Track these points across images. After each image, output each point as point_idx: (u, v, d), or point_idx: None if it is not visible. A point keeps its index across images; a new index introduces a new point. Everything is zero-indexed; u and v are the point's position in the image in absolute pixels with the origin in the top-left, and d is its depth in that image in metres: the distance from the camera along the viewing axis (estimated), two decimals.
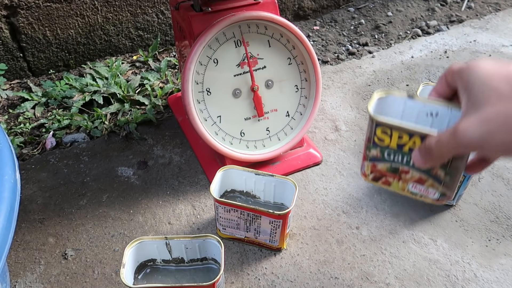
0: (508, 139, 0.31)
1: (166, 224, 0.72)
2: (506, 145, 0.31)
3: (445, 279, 0.63)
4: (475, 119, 0.32)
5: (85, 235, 0.70)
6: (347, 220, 0.72)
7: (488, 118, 0.32)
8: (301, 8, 1.31)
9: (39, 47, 1.04)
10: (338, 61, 1.14)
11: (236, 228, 0.65)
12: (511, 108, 0.31)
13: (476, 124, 0.32)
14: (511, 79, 0.32)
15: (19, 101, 0.99)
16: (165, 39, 1.18)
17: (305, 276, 0.64)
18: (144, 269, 0.62)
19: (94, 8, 1.04)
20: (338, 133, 0.90)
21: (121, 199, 0.76)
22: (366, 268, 0.65)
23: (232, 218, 0.64)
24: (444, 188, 0.50)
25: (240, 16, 0.66)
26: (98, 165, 0.82)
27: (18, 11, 0.97)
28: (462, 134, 0.33)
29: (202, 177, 0.79)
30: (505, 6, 1.38)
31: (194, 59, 0.66)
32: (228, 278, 0.63)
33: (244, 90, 0.72)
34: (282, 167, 0.78)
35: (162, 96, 0.98)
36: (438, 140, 0.35)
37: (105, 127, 0.90)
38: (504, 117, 0.31)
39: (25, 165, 0.83)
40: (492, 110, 0.32)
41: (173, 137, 0.88)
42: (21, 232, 0.70)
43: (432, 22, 1.28)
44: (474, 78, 0.34)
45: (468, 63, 0.36)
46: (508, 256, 0.67)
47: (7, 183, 0.46)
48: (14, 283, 0.63)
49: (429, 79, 1.06)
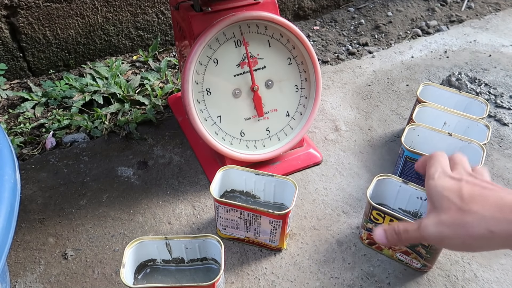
0: (458, 242, 0.38)
1: (166, 224, 0.72)
2: (457, 246, 0.38)
3: (445, 279, 0.63)
4: (433, 219, 0.40)
5: (85, 235, 0.70)
6: (347, 220, 0.72)
7: (442, 222, 0.39)
8: (301, 8, 1.31)
9: (39, 47, 1.04)
10: (338, 61, 1.14)
11: (236, 228, 0.65)
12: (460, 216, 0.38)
13: (434, 225, 0.39)
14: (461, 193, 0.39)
15: (19, 101, 0.99)
16: (165, 39, 1.18)
17: (305, 276, 0.64)
18: (144, 269, 0.62)
19: (94, 8, 1.04)
20: (338, 133, 0.90)
21: (121, 199, 0.76)
22: (367, 268, 0.65)
23: (232, 218, 0.64)
24: (425, 262, 0.62)
25: (240, 16, 0.66)
26: (98, 165, 0.82)
27: (18, 11, 0.97)
28: (423, 230, 0.40)
29: (202, 177, 0.79)
30: (505, 6, 1.38)
31: (194, 59, 0.66)
32: (228, 278, 0.63)
33: (244, 90, 0.72)
34: (282, 167, 0.78)
35: (162, 96, 0.98)
36: (405, 229, 0.41)
37: (105, 127, 0.90)
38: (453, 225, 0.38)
39: (25, 165, 0.83)
40: (445, 216, 0.39)
41: (173, 137, 0.88)
42: (21, 232, 0.70)
43: (432, 22, 1.28)
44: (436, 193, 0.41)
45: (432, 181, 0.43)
46: (508, 256, 0.66)
47: (7, 183, 0.46)
48: (14, 283, 0.63)
49: (429, 79, 1.06)
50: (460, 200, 0.38)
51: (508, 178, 0.79)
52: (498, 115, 0.94)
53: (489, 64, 1.10)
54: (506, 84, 1.03)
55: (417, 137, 0.75)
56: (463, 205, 0.38)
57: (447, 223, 0.38)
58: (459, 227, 0.37)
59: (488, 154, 0.84)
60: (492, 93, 1.00)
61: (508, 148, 0.86)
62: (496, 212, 0.36)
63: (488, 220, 0.36)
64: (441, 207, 0.39)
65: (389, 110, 0.96)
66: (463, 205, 0.38)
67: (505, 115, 0.94)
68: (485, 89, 1.01)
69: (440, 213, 0.39)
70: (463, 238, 0.37)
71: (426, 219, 0.40)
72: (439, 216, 0.39)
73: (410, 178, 0.73)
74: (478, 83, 1.02)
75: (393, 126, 0.92)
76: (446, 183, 0.41)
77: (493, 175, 0.80)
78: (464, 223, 0.37)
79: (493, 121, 0.93)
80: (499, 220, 0.36)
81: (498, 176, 0.80)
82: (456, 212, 0.38)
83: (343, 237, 0.69)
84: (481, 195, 0.38)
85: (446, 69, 1.09)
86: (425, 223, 0.40)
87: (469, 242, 0.37)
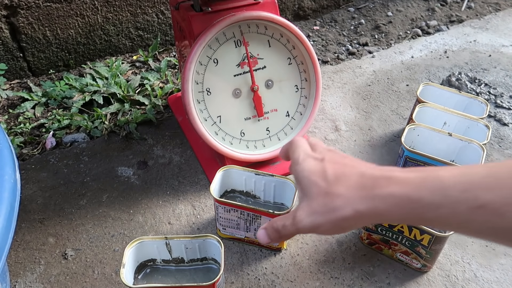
0: (329, 227, 0.37)
1: (166, 224, 0.72)
2: (329, 230, 0.38)
3: (445, 279, 0.63)
4: (305, 209, 0.39)
5: (85, 235, 0.70)
6: None
7: (314, 211, 0.38)
8: (301, 8, 1.31)
9: (39, 47, 1.04)
10: (338, 61, 1.14)
11: (236, 228, 0.65)
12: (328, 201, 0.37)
13: (306, 215, 0.38)
14: (325, 174, 0.38)
15: (19, 101, 0.99)
16: (165, 39, 1.18)
17: (305, 276, 0.64)
18: (144, 269, 0.62)
19: (94, 8, 1.04)
20: (338, 133, 0.90)
21: (121, 199, 0.76)
22: (367, 268, 0.65)
23: (232, 218, 0.64)
24: (425, 262, 0.62)
25: (240, 16, 0.66)
26: (98, 165, 0.82)
27: (18, 11, 0.97)
28: (297, 222, 0.39)
29: (202, 177, 0.79)
30: (505, 6, 1.38)
31: (194, 59, 0.66)
32: (228, 278, 0.63)
33: (244, 90, 0.72)
34: (282, 167, 0.78)
35: (162, 96, 0.98)
36: (283, 225, 0.40)
37: (105, 127, 0.90)
38: (324, 212, 0.37)
39: (25, 165, 0.82)
40: (315, 204, 0.38)
41: (173, 137, 0.88)
42: (21, 232, 0.70)
43: (432, 22, 1.28)
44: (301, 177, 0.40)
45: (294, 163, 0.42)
46: (508, 256, 0.67)
47: (7, 183, 0.46)
48: (14, 283, 0.63)
49: (429, 79, 1.06)
50: (326, 183, 0.38)
51: None
52: (498, 115, 0.94)
53: (489, 64, 1.10)
54: (506, 84, 1.03)
55: (417, 137, 0.75)
56: (329, 188, 0.38)
57: (319, 211, 0.37)
58: (329, 213, 0.37)
59: (488, 154, 0.84)
60: (492, 93, 1.00)
61: (508, 148, 0.86)
62: (359, 191, 0.36)
63: (354, 201, 0.36)
64: (311, 194, 0.39)
65: (389, 110, 0.96)
66: (329, 188, 0.38)
67: (505, 115, 0.94)
68: (485, 89, 1.01)
69: (311, 201, 0.38)
70: (334, 222, 0.37)
71: (300, 210, 0.39)
72: (310, 205, 0.38)
73: None
74: (478, 83, 1.02)
75: (393, 126, 0.92)
76: (310, 165, 0.40)
77: None
78: (333, 208, 0.37)
79: (493, 121, 0.93)
80: (362, 198, 0.36)
81: None
82: (325, 197, 0.37)
83: (343, 237, 0.69)
84: (344, 175, 0.38)
85: (446, 69, 1.09)
86: (299, 215, 0.39)
87: (340, 224, 0.37)
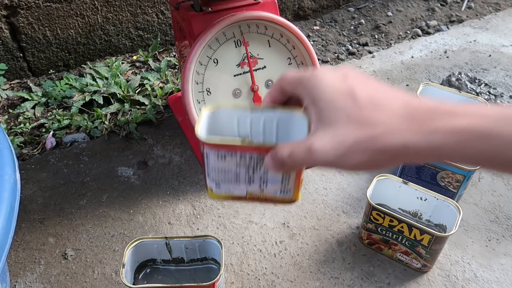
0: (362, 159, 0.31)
1: (166, 224, 0.72)
2: (360, 165, 0.32)
3: (445, 279, 0.63)
4: (328, 138, 0.32)
5: (85, 235, 0.70)
6: (347, 220, 0.72)
7: (341, 141, 0.31)
8: (301, 8, 1.31)
9: (39, 47, 1.04)
10: (338, 61, 1.14)
11: (235, 182, 0.44)
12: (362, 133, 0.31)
13: (330, 145, 0.32)
14: (355, 96, 0.32)
15: (19, 101, 0.99)
16: (165, 39, 1.18)
17: (305, 276, 0.64)
18: (144, 269, 0.62)
19: (94, 8, 1.04)
20: None
21: (121, 199, 0.76)
22: (367, 268, 0.65)
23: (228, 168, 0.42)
24: (425, 262, 0.63)
25: (240, 16, 0.66)
26: (98, 165, 0.82)
27: (18, 11, 0.97)
28: (317, 153, 0.32)
29: (202, 177, 0.79)
30: (505, 6, 1.38)
31: (194, 59, 0.66)
32: (228, 278, 0.63)
33: (244, 90, 0.72)
34: None
35: (162, 96, 0.98)
36: (291, 153, 0.34)
37: (105, 127, 0.90)
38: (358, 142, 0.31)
39: (25, 165, 0.82)
40: (343, 133, 0.31)
41: (173, 137, 0.88)
42: (21, 232, 0.70)
43: (432, 22, 1.28)
44: (319, 95, 0.33)
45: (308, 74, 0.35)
46: (508, 256, 0.67)
47: (7, 183, 0.46)
48: (14, 283, 0.63)
49: (429, 79, 1.05)
50: (358, 109, 0.31)
51: (508, 178, 0.79)
52: None
53: (489, 64, 1.10)
54: (506, 84, 1.03)
55: None
56: (364, 114, 0.31)
57: (349, 141, 0.31)
58: (366, 142, 0.31)
59: None
60: (492, 93, 1.00)
61: None
62: (408, 123, 0.30)
63: (404, 132, 0.30)
64: (336, 119, 0.32)
65: None
66: (364, 115, 0.31)
67: None
68: (485, 89, 1.01)
69: (337, 129, 0.32)
70: (371, 155, 0.31)
71: (317, 140, 0.32)
72: (336, 133, 0.32)
73: (410, 178, 0.73)
74: (478, 83, 1.02)
75: None
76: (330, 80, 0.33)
77: (493, 175, 0.80)
78: (373, 136, 0.30)
79: None
80: (415, 131, 0.30)
81: (498, 176, 0.80)
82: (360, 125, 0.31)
83: (343, 237, 0.69)
84: (380, 101, 0.32)
85: (446, 69, 1.09)
86: (318, 145, 0.32)
87: (377, 158, 0.31)
